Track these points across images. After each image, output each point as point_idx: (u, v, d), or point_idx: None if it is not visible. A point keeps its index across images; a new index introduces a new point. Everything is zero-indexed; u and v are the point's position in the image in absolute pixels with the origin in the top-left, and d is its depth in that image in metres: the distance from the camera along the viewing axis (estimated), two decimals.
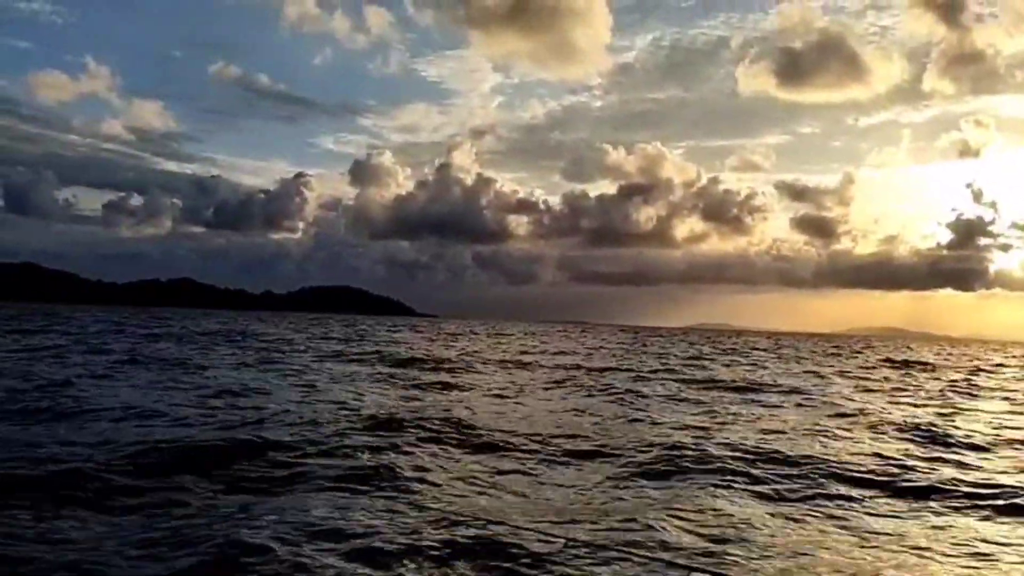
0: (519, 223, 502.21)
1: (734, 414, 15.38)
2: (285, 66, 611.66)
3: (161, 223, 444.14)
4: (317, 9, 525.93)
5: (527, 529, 6.26)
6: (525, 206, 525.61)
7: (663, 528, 6.87)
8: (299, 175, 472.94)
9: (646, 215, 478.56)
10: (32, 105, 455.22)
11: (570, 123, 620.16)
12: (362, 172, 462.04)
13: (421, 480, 8.48)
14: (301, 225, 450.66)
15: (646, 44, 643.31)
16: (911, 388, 24.55)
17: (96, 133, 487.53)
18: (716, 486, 8.74)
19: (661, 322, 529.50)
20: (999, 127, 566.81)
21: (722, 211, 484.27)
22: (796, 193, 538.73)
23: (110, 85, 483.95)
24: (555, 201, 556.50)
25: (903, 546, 6.81)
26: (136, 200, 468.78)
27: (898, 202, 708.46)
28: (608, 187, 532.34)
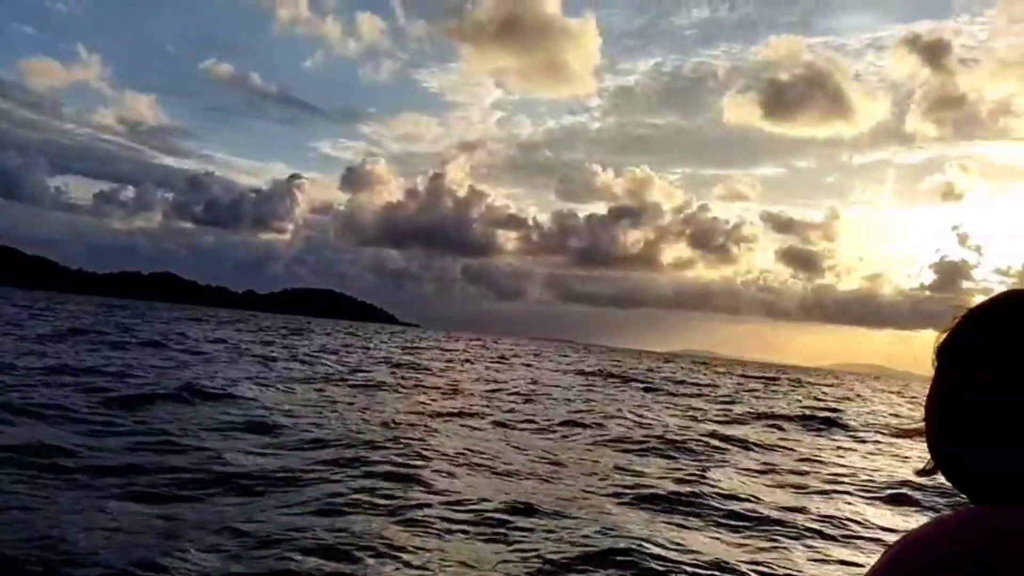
0: (508, 238, 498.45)
1: None
2: (276, 67, 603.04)
3: (151, 216, 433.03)
4: (308, 12, 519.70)
5: None
6: (515, 222, 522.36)
7: None
8: (292, 177, 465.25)
9: (634, 238, 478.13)
10: (26, 90, 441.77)
11: (567, 142, 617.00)
12: (355, 178, 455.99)
13: None
14: (291, 227, 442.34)
15: (648, 68, 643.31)
16: None
17: (88, 122, 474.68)
18: None
19: (646, 345, 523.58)
20: (983, 173, 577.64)
21: (709, 239, 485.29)
22: (782, 225, 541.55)
23: (101, 75, 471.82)
24: (545, 219, 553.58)
25: None
26: (128, 192, 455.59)
27: (883, 241, 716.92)
28: (599, 208, 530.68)
